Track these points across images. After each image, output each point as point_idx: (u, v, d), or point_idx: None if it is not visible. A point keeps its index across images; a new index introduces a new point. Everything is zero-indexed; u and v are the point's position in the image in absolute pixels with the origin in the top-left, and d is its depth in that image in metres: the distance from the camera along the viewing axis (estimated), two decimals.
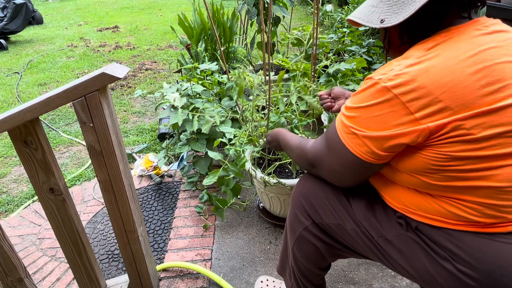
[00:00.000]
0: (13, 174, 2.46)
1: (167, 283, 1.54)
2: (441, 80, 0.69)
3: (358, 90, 0.81)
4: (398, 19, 0.77)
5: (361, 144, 0.79)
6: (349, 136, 0.81)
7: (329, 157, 0.89)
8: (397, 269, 0.91)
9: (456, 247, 0.77)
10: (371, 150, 0.78)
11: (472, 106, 0.68)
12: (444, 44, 0.74)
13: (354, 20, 0.86)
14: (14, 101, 3.64)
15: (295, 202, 1.07)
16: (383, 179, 0.91)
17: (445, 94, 0.69)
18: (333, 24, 4.99)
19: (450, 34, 0.75)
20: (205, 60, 2.94)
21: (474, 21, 0.77)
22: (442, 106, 0.69)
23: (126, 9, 9.11)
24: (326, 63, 2.02)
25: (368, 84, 0.77)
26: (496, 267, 0.73)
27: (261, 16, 1.47)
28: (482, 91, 0.69)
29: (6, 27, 5.73)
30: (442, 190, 0.77)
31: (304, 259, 1.09)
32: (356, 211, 0.95)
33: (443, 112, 0.69)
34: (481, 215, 0.75)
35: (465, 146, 0.70)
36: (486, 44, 0.72)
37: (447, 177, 0.75)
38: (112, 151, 1.08)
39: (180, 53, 4.17)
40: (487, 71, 0.69)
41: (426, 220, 0.82)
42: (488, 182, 0.72)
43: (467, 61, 0.70)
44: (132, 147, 2.71)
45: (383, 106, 0.74)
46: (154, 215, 1.99)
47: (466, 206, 0.76)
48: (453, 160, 0.72)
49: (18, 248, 1.79)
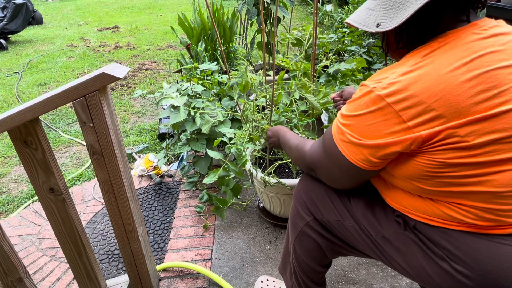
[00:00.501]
0: (13, 174, 2.46)
1: (167, 283, 1.54)
2: (434, 89, 0.69)
3: (353, 98, 0.81)
4: (393, 24, 0.76)
5: (356, 152, 0.80)
6: (345, 144, 0.82)
7: (326, 162, 0.90)
8: (394, 266, 0.92)
9: (453, 247, 0.78)
10: (366, 158, 0.79)
11: (465, 113, 0.68)
12: (440, 50, 0.73)
13: (351, 23, 0.86)
14: (14, 101, 3.64)
15: (297, 198, 1.09)
16: (382, 180, 0.91)
17: (437, 102, 0.69)
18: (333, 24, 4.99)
19: (446, 40, 0.74)
20: (205, 60, 2.94)
21: (472, 24, 0.75)
22: (435, 114, 0.69)
23: (126, 9, 9.11)
24: (326, 63, 2.02)
25: (363, 92, 0.78)
26: (494, 268, 0.73)
27: (261, 16, 1.47)
28: (476, 98, 0.68)
29: (6, 27, 5.73)
30: (438, 194, 0.78)
31: (305, 255, 1.10)
32: (355, 209, 0.96)
33: (436, 121, 0.69)
34: (478, 218, 0.75)
35: (459, 153, 0.70)
36: (483, 49, 0.71)
37: (442, 183, 0.75)
38: (112, 151, 1.08)
39: (180, 53, 4.17)
40: (482, 78, 0.69)
41: (424, 220, 0.83)
42: (484, 188, 0.72)
43: (461, 69, 0.70)
44: (132, 147, 2.71)
45: (376, 114, 0.75)
46: (154, 215, 1.99)
47: (464, 209, 0.76)
48: (447, 166, 0.72)
49: (18, 248, 1.79)
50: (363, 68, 2.59)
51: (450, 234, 0.79)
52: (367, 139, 0.77)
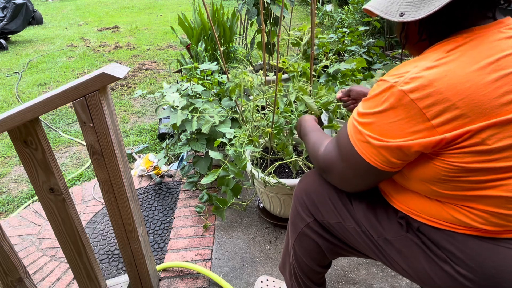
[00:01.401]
0: (13, 174, 2.46)
1: (167, 283, 1.54)
2: (460, 87, 0.66)
3: (371, 95, 0.76)
4: (419, 14, 0.71)
5: (375, 153, 0.76)
6: (364, 145, 0.77)
7: (341, 165, 0.85)
8: (396, 268, 0.91)
9: (457, 250, 0.77)
10: (386, 158, 0.75)
11: (489, 115, 0.65)
12: (465, 46, 0.70)
13: (371, 10, 0.80)
14: (14, 101, 3.64)
15: (297, 199, 1.08)
16: (390, 180, 0.90)
17: (463, 101, 0.65)
18: (333, 24, 4.99)
19: (471, 36, 0.71)
20: (205, 60, 2.94)
21: (498, 22, 0.72)
22: (459, 113, 0.66)
23: (126, 9, 9.11)
24: (326, 63, 2.02)
25: (383, 88, 0.73)
26: (497, 272, 0.73)
27: (261, 16, 1.47)
28: (501, 100, 0.66)
29: (6, 27, 5.73)
30: (450, 197, 0.76)
31: (305, 255, 1.09)
32: (356, 210, 0.95)
33: (459, 120, 0.66)
34: (487, 223, 0.74)
35: (478, 157, 0.68)
36: (509, 49, 0.69)
37: (456, 187, 0.73)
38: (112, 151, 1.08)
39: (180, 53, 4.17)
40: (508, 79, 0.66)
41: (430, 223, 0.82)
42: (498, 192, 0.71)
43: (487, 68, 0.67)
44: (132, 147, 2.71)
45: (398, 112, 0.70)
46: (154, 215, 1.99)
47: (473, 213, 0.75)
48: (464, 171, 0.70)
49: (18, 248, 1.79)
50: (363, 68, 2.59)
51: (455, 237, 0.78)
52: (388, 139, 0.72)
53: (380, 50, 2.85)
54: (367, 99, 0.78)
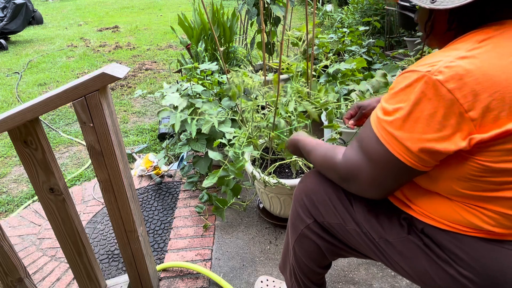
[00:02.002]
0: (13, 174, 2.46)
1: (167, 283, 1.55)
2: (496, 78, 0.62)
3: (399, 88, 0.70)
4: (454, 2, 0.67)
5: (409, 151, 0.70)
6: (396, 143, 0.71)
7: (370, 170, 0.77)
8: (397, 269, 0.91)
9: (461, 251, 0.76)
10: (421, 157, 0.70)
11: None
12: (497, 38, 0.67)
13: None
14: (14, 101, 3.64)
15: (297, 200, 1.07)
16: None
17: (498, 93, 0.62)
18: (333, 24, 4.99)
19: (503, 28, 0.68)
20: (205, 60, 2.94)
21: None
22: (495, 105, 0.62)
23: (126, 9, 9.12)
24: (326, 63, 2.03)
25: (413, 78, 0.67)
26: (501, 274, 0.72)
27: (261, 16, 1.47)
28: None
29: (6, 27, 5.73)
30: (466, 197, 0.74)
31: (305, 257, 1.09)
32: (357, 212, 0.94)
33: (494, 111, 0.63)
34: (497, 224, 0.73)
35: (507, 157, 0.65)
36: None
37: (476, 186, 0.71)
38: (112, 151, 1.08)
39: (180, 53, 4.17)
40: None
41: (436, 224, 0.80)
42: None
43: None
44: (132, 147, 2.71)
45: (433, 103, 0.65)
46: (154, 215, 1.99)
47: (485, 214, 0.73)
48: (489, 172, 0.68)
49: (18, 248, 1.79)
50: (363, 68, 2.59)
51: (460, 240, 0.77)
52: (422, 134, 0.67)
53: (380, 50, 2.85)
54: (394, 92, 0.71)
